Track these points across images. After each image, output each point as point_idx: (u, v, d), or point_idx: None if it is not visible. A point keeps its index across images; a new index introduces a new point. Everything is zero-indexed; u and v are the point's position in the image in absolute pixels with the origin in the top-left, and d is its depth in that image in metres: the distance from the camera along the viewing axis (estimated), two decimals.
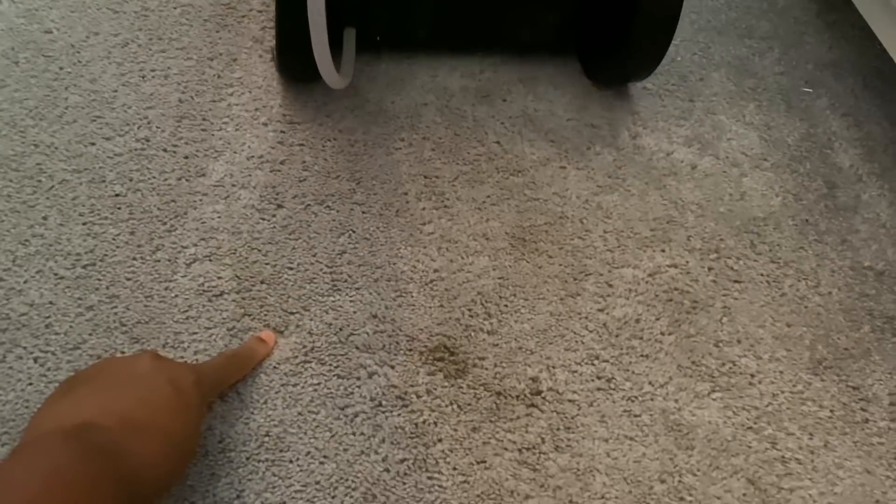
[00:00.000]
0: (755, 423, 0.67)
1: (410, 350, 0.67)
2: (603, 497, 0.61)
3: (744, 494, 0.63)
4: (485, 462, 0.62)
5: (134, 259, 0.68)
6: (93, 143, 0.74)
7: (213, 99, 0.80)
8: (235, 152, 0.76)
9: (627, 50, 0.81)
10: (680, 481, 0.63)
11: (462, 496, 0.60)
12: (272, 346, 0.65)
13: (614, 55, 0.84)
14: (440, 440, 0.63)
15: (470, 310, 0.70)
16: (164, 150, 0.75)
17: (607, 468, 0.63)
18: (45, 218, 0.69)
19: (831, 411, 0.69)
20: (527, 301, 0.71)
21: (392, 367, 0.66)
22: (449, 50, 0.90)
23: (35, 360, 0.61)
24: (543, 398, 0.66)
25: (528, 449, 0.63)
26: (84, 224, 0.69)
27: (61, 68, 0.78)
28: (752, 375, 0.70)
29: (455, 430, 0.63)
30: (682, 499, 0.62)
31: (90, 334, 0.63)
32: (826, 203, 0.85)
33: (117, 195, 0.71)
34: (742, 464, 0.65)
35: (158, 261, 0.68)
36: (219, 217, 0.72)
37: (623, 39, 0.81)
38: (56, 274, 0.66)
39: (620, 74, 0.87)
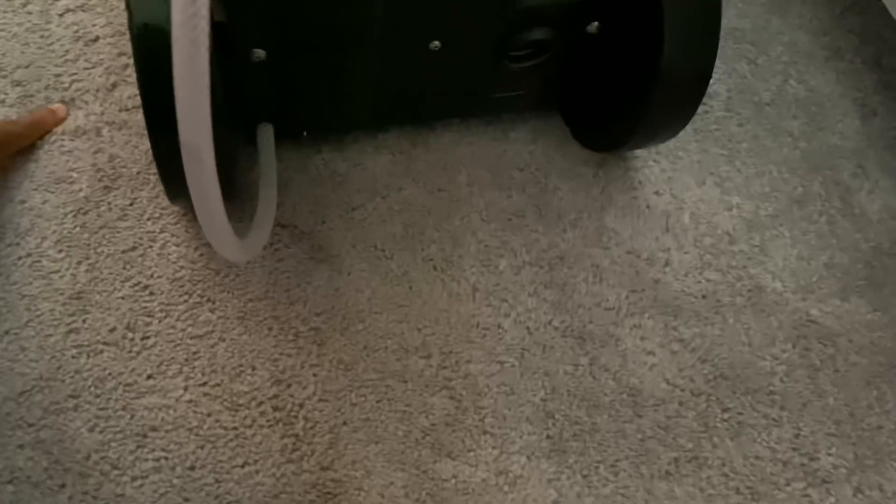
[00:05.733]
0: None
1: None
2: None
3: (593, 175, 0.72)
4: None
5: (4, 13, 0.70)
6: None
7: None
8: None
9: (643, 118, 0.63)
10: (537, 169, 0.71)
11: None
12: (62, 117, 0.66)
13: (620, 121, 0.66)
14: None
15: None
16: None
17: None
18: None
19: None
20: None
21: None
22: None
23: None
24: None
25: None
26: None
27: None
28: None
29: None
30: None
31: None
32: None
33: None
34: None
35: (30, 13, 0.70)
36: None
37: (635, 105, 0.63)
38: None
39: (631, 142, 0.67)
